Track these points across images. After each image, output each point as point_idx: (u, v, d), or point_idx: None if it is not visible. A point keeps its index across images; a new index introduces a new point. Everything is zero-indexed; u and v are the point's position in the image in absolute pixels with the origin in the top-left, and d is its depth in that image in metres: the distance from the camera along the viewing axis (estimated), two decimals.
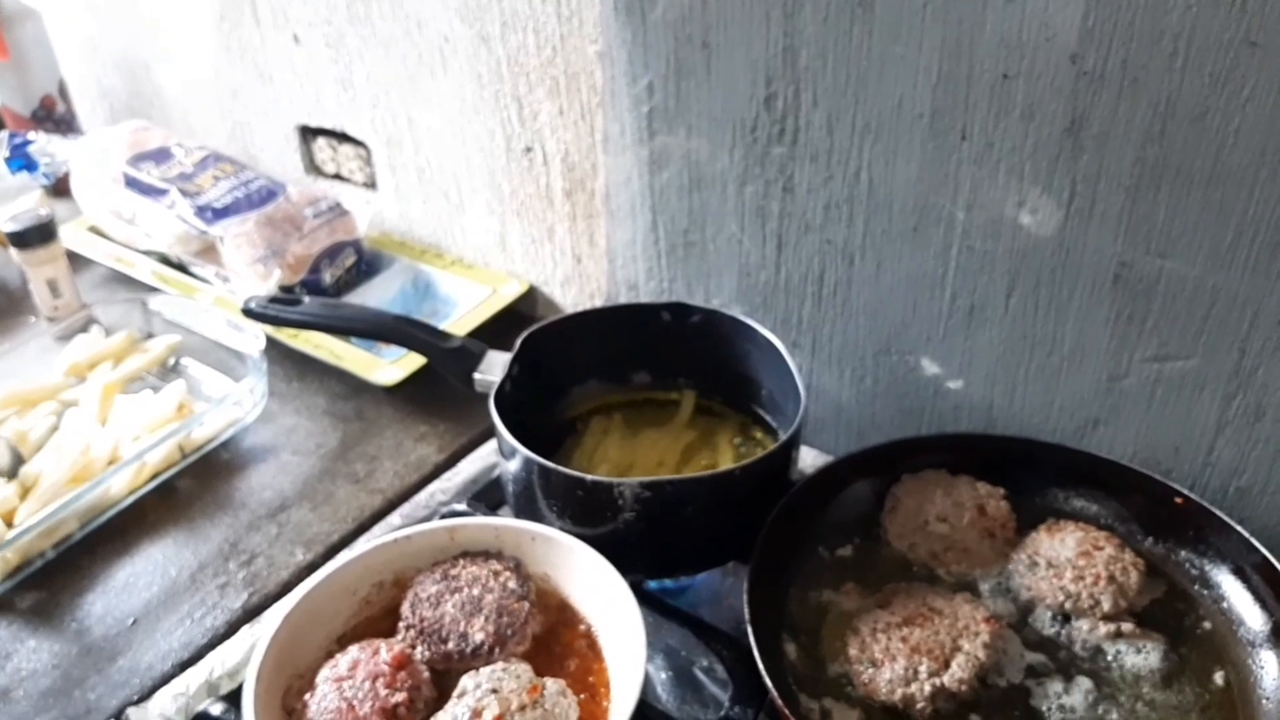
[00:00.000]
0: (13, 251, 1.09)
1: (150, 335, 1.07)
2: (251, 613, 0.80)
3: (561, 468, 0.71)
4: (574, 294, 1.11)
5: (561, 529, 0.72)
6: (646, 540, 0.72)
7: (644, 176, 0.94)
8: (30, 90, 1.37)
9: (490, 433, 0.95)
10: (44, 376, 1.01)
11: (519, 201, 1.08)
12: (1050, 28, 0.68)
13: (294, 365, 1.05)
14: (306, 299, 0.86)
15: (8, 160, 1.29)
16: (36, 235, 1.07)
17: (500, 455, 0.79)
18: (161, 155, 1.18)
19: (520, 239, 1.11)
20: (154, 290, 1.12)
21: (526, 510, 0.76)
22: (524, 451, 0.72)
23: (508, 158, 1.05)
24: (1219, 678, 0.66)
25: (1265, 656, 0.66)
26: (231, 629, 0.79)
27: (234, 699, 0.70)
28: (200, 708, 0.70)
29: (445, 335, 0.84)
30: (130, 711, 0.70)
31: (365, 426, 0.99)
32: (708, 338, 0.87)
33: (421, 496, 0.91)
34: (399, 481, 0.93)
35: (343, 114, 1.18)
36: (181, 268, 1.17)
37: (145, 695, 0.73)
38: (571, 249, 1.07)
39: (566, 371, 0.89)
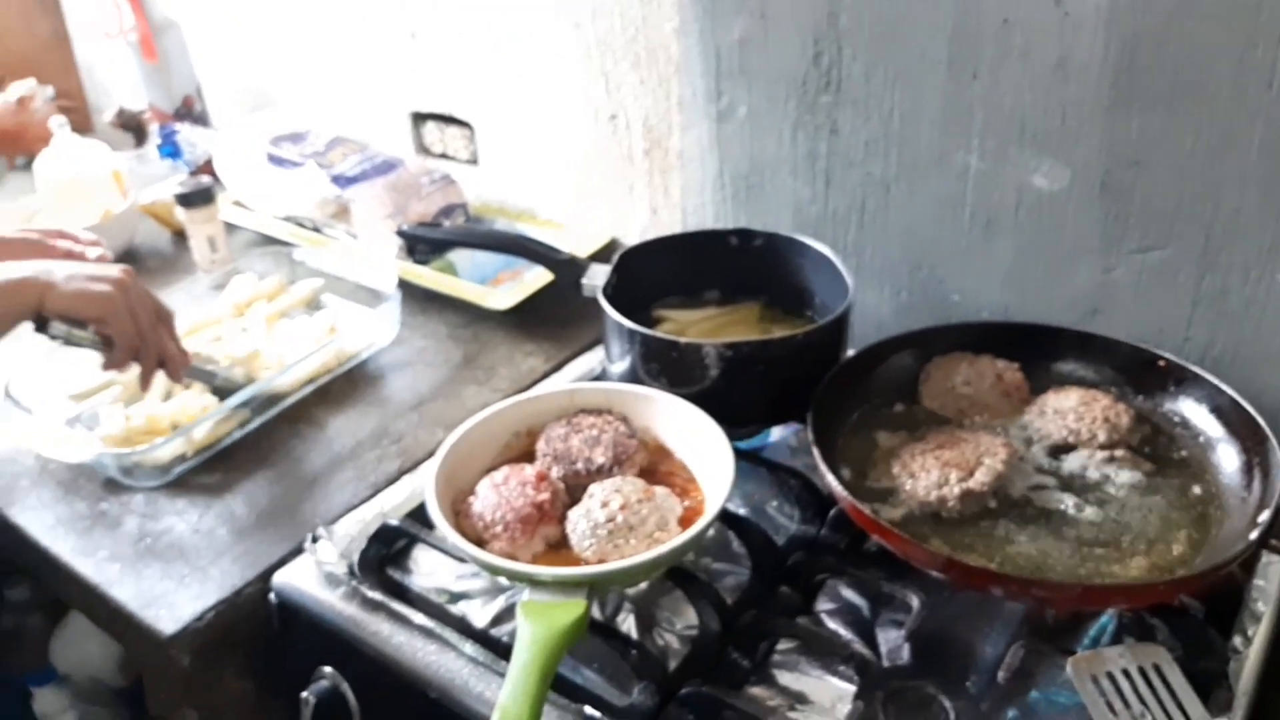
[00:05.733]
0: (179, 212, 1.31)
1: (294, 282, 1.27)
2: (405, 473, 0.99)
3: (659, 334, 0.89)
4: None
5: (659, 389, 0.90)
6: (728, 396, 0.89)
7: (712, 131, 1.13)
8: (173, 91, 1.60)
9: (585, 348, 1.15)
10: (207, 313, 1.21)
11: (604, 163, 1.27)
12: None
13: (419, 301, 1.25)
14: (446, 223, 1.06)
15: (160, 147, 1.52)
16: (200, 197, 1.29)
17: (604, 349, 0.97)
18: (297, 137, 1.40)
19: (604, 196, 1.31)
20: (294, 246, 1.33)
21: (629, 381, 0.94)
22: (628, 324, 0.90)
23: (595, 126, 1.25)
24: (1196, 489, 0.82)
25: (1229, 465, 0.83)
26: (390, 484, 0.97)
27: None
28: (377, 526, 0.88)
29: (558, 250, 1.04)
30: (320, 529, 0.88)
31: (481, 346, 1.18)
32: (768, 257, 1.05)
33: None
34: (514, 384, 1.12)
35: (451, 100, 1.39)
36: (314, 229, 1.37)
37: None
38: (649, 201, 1.26)
39: (650, 287, 1.06)
